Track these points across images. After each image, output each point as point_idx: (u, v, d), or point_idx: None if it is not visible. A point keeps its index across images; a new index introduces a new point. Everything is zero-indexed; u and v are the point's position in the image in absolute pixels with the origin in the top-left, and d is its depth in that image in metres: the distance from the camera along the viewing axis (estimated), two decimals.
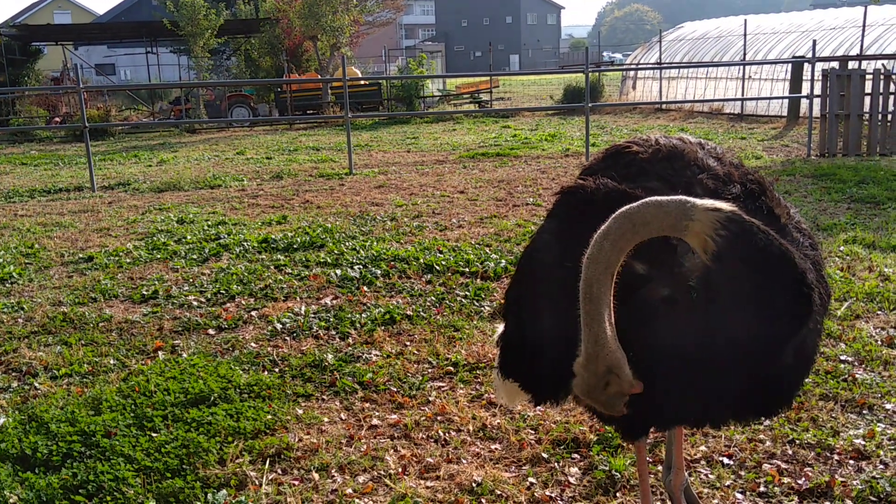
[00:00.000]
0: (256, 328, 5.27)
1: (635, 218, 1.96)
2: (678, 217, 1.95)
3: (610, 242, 1.96)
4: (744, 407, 2.30)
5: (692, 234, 1.96)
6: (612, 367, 2.02)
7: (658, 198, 1.99)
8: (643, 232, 1.97)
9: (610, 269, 1.97)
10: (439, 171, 12.40)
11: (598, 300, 1.97)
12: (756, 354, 2.09)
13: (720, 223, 1.94)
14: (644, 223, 1.96)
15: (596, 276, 1.96)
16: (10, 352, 4.93)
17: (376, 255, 6.79)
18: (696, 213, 1.95)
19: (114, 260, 7.12)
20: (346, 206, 9.53)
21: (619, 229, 1.96)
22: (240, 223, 8.62)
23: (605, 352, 2.00)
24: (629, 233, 1.96)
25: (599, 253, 1.97)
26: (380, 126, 21.50)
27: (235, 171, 13.16)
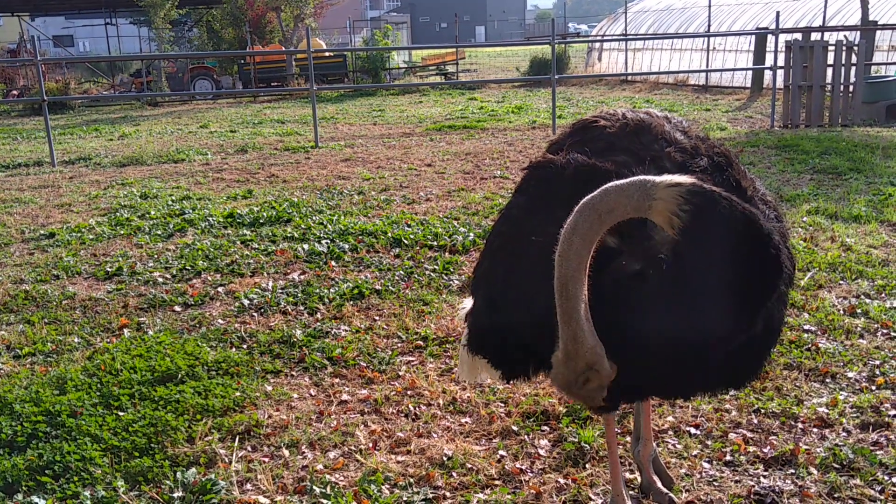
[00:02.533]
0: (223, 304, 5.21)
1: (599, 207, 1.95)
2: (641, 198, 1.94)
3: (579, 237, 1.95)
4: (714, 378, 2.32)
5: (657, 213, 1.96)
6: (591, 364, 2.01)
7: (617, 182, 1.97)
8: (609, 220, 1.96)
9: (583, 264, 1.96)
10: (406, 143, 12.32)
11: (573, 297, 1.96)
12: (728, 325, 2.10)
13: (683, 197, 1.94)
14: (608, 211, 1.95)
15: (570, 274, 1.95)
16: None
17: (344, 230, 6.73)
18: (658, 191, 1.94)
19: (76, 236, 6.99)
20: (313, 179, 9.44)
21: (585, 222, 1.95)
22: (204, 198, 8.50)
23: (584, 349, 1.99)
24: (596, 223, 1.95)
25: (570, 249, 1.95)
26: (345, 98, 21.29)
27: (199, 145, 12.95)
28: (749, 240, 2.00)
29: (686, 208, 1.93)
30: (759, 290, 2.08)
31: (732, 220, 1.99)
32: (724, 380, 2.35)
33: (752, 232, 2.00)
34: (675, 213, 1.93)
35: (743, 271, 2.01)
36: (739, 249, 2.00)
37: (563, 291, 1.96)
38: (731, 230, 1.98)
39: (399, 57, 27.24)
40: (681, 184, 1.95)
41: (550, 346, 2.20)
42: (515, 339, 2.40)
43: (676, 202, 1.93)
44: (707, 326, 2.05)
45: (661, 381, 2.26)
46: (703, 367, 2.20)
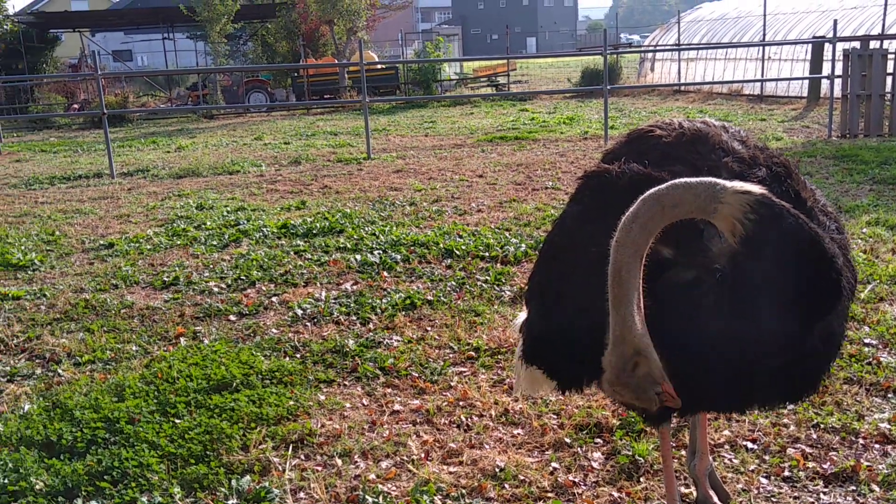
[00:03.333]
0: (277, 314, 5.28)
1: (664, 200, 1.93)
2: (708, 199, 1.92)
3: (639, 225, 1.94)
4: (770, 393, 2.28)
5: (721, 217, 1.93)
6: (639, 350, 2.00)
7: (687, 179, 1.96)
8: (672, 214, 1.94)
9: (639, 253, 1.95)
10: (457, 155, 12.36)
11: (626, 284, 1.95)
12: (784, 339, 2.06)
13: (750, 206, 1.91)
14: (673, 205, 1.94)
15: (625, 260, 1.94)
16: (34, 339, 4.98)
17: (396, 240, 6.78)
18: (726, 195, 1.92)
19: (134, 246, 7.16)
20: (365, 190, 9.52)
21: (647, 212, 1.94)
22: (259, 209, 8.64)
23: (632, 334, 1.98)
24: (658, 215, 1.94)
25: (627, 236, 1.94)
26: (397, 110, 21.45)
27: (254, 157, 13.18)
28: (812, 260, 1.96)
29: (751, 217, 1.90)
30: (816, 309, 2.04)
31: (796, 238, 1.96)
32: (781, 394, 2.30)
33: (816, 253, 1.97)
34: (739, 220, 1.91)
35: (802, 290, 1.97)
36: (801, 268, 1.96)
37: (617, 277, 1.96)
38: (794, 247, 1.95)
39: (450, 69, 27.36)
40: (751, 192, 1.92)
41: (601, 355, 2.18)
42: (570, 348, 2.38)
43: (743, 210, 1.91)
44: (761, 340, 2.01)
45: (715, 394, 2.23)
46: (757, 381, 2.16)
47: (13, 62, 26.38)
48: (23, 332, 5.11)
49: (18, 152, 15.78)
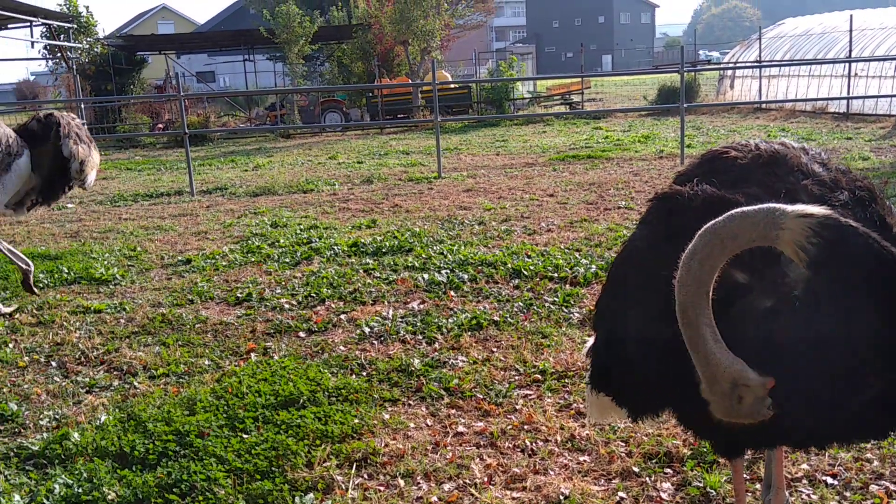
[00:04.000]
0: (345, 331, 5.33)
1: (722, 233, 1.87)
2: (767, 227, 1.85)
3: (698, 262, 1.87)
4: (852, 427, 2.16)
5: (783, 243, 1.86)
6: (736, 380, 1.92)
7: (744, 208, 1.88)
8: (732, 246, 1.87)
9: (703, 289, 1.88)
10: (528, 174, 12.31)
11: (696, 324, 1.88)
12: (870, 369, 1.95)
13: (812, 230, 1.82)
14: (732, 237, 1.87)
15: (690, 300, 1.88)
16: (113, 351, 5.13)
17: (464, 260, 6.77)
18: (786, 220, 1.84)
19: (210, 263, 7.33)
20: (435, 209, 9.56)
21: (706, 247, 1.87)
22: (331, 227, 8.76)
23: (720, 369, 1.91)
24: (717, 249, 1.87)
25: (688, 275, 1.88)
26: (469, 129, 21.53)
27: (327, 176, 13.40)
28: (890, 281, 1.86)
29: (815, 241, 1.81)
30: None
31: (869, 259, 1.86)
32: (864, 430, 2.18)
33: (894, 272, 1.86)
34: (802, 245, 1.82)
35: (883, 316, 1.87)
36: (879, 292, 1.86)
37: (684, 318, 1.89)
38: (869, 269, 1.85)
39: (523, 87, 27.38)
40: (812, 214, 1.83)
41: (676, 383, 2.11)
42: (639, 376, 2.32)
43: (805, 234, 1.82)
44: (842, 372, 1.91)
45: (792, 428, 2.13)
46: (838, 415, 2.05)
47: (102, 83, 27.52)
48: (102, 344, 5.27)
49: (105, 170, 16.40)
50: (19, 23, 18.93)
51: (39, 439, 3.86)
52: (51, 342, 5.36)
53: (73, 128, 6.09)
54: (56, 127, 6.02)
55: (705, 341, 1.89)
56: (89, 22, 27.45)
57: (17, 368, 4.93)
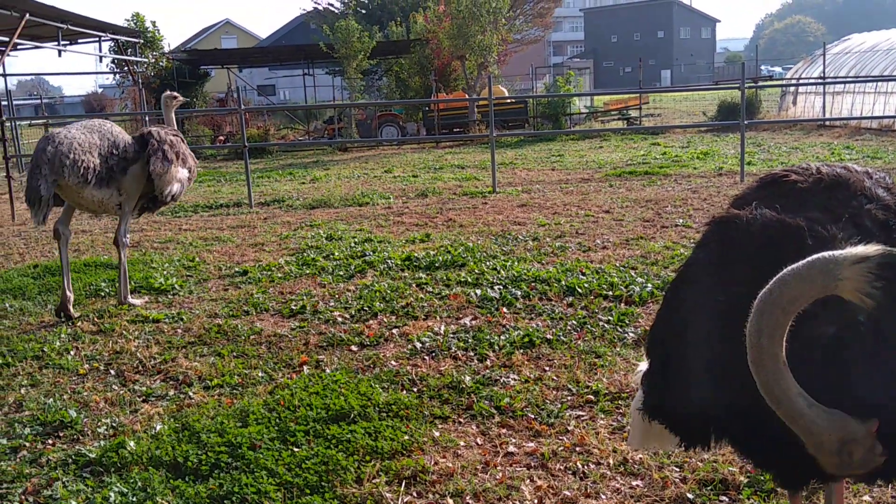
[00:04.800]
0: (397, 346, 5.33)
1: (780, 301, 1.80)
2: (825, 281, 1.77)
3: (767, 338, 1.81)
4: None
5: (846, 293, 1.78)
6: (843, 439, 1.86)
7: (794, 268, 1.81)
8: (793, 309, 1.81)
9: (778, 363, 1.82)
10: (584, 189, 12.22)
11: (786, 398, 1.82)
12: None
13: (872, 274, 1.74)
14: (791, 301, 1.80)
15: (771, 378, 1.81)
16: (169, 361, 5.22)
17: (517, 276, 6.74)
18: (842, 270, 1.76)
19: (266, 274, 7.43)
20: (489, 224, 9.54)
21: (769, 320, 1.81)
22: (385, 240, 8.80)
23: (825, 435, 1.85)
24: (781, 318, 1.81)
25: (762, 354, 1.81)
26: (525, 144, 21.48)
27: (383, 189, 13.49)
28: None
29: (878, 285, 1.73)
30: None
31: None
32: None
33: None
34: (866, 292, 1.75)
35: None
36: None
37: (772, 396, 1.83)
38: None
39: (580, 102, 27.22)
40: (868, 257, 1.75)
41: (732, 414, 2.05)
42: (694, 404, 2.26)
43: (866, 279, 1.74)
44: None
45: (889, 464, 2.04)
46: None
47: None
48: (160, 353, 5.37)
49: None
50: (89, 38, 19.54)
51: (97, 447, 3.94)
52: (110, 350, 5.48)
53: (163, 144, 6.45)
54: (147, 143, 6.42)
55: (801, 413, 1.83)
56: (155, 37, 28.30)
57: (77, 376, 5.05)
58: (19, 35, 14.17)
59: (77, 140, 6.01)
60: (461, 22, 24.90)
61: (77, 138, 6.02)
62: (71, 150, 5.92)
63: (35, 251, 9.36)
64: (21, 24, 13.95)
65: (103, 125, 6.39)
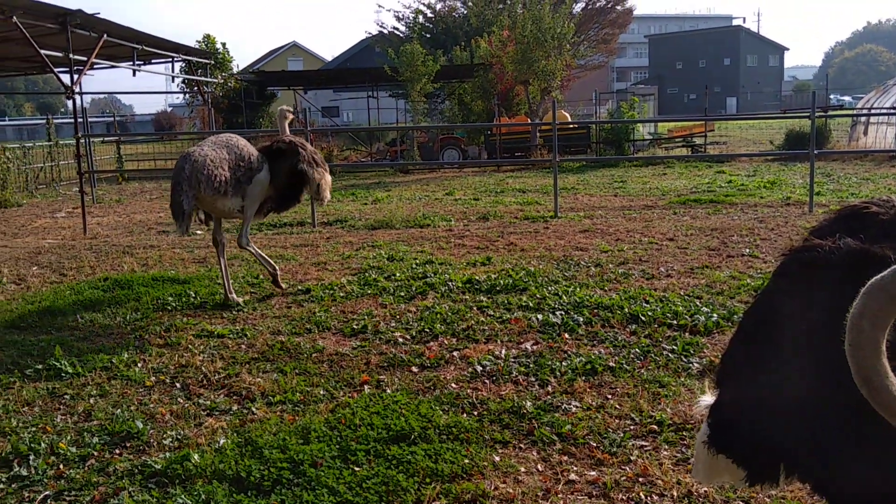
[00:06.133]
0: (457, 369, 5.32)
1: (890, 287, 1.74)
2: None
3: (868, 322, 1.75)
4: None
5: None
6: None
7: None
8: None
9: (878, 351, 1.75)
10: (647, 216, 12.08)
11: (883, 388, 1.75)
12: None
13: None
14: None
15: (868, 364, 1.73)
16: (233, 376, 5.31)
17: (579, 302, 6.68)
18: None
19: (328, 293, 7.51)
20: (550, 249, 9.50)
21: (874, 304, 1.74)
22: (446, 263, 8.83)
23: None
24: (888, 306, 1.74)
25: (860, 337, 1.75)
26: (587, 169, 21.37)
27: (444, 212, 13.55)
28: None
29: None
30: None
31: None
32: None
33: None
34: None
35: None
36: None
37: (867, 382, 1.76)
38: None
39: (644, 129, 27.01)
40: None
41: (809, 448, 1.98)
42: (766, 437, 2.20)
43: None
44: None
45: None
46: None
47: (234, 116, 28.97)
48: (224, 368, 5.46)
49: None
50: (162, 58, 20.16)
51: (162, 458, 4.01)
52: (176, 364, 5.59)
53: (310, 153, 7.56)
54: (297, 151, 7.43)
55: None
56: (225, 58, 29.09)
57: (144, 388, 5.16)
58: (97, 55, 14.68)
59: (210, 157, 6.86)
60: (525, 47, 25.01)
61: (209, 155, 6.88)
62: (205, 167, 6.77)
63: (105, 264, 9.64)
64: (99, 44, 14.46)
65: (230, 140, 7.29)
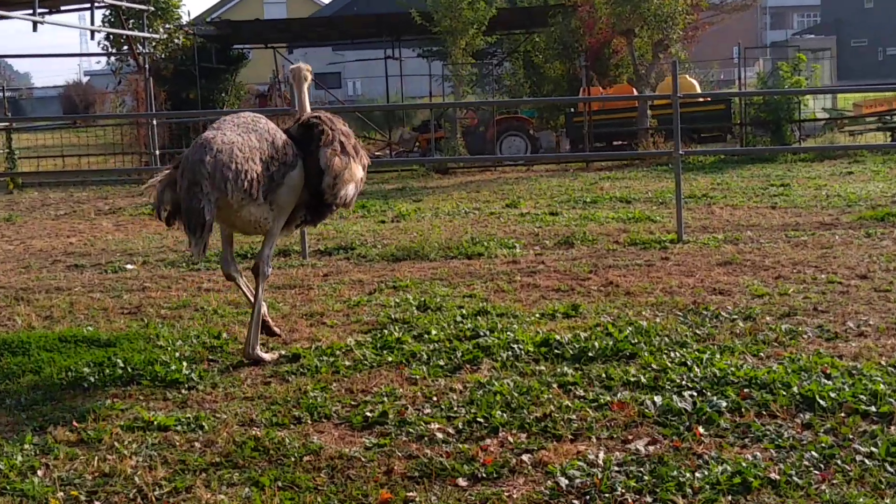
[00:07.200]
0: (528, 482, 5.30)
1: None
2: None
3: None
4: None
5: None
6: None
7: None
8: None
9: None
10: (824, 240, 12.00)
11: None
12: None
13: None
14: None
15: None
16: (183, 491, 5.32)
17: (720, 376, 6.62)
18: None
19: (327, 361, 7.51)
20: (672, 292, 9.45)
21: None
22: (508, 313, 8.81)
23: None
24: None
25: None
26: (726, 166, 21.27)
27: (504, 233, 13.57)
28: None
29: None
30: None
31: None
32: None
33: None
34: None
35: None
36: None
37: None
38: None
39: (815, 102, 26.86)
40: None
41: None
42: None
43: None
44: None
45: None
46: None
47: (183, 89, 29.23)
48: (168, 479, 5.48)
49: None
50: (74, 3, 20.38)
51: None
52: (95, 472, 5.62)
53: (337, 133, 7.60)
54: (319, 133, 7.49)
55: None
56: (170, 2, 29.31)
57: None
58: None
59: (237, 145, 6.98)
60: None
61: (236, 143, 7.00)
62: (232, 159, 6.87)
63: None
64: None
65: (258, 121, 7.40)
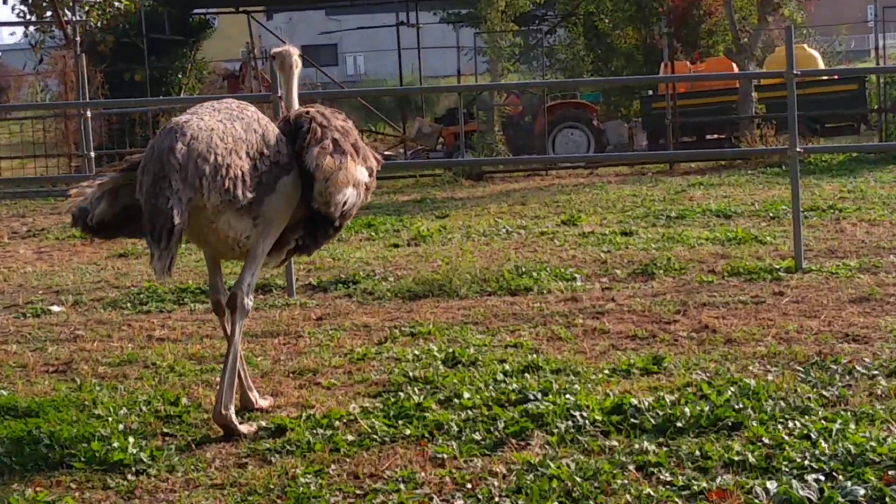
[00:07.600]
0: None
1: None
2: None
3: None
4: None
5: None
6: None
7: None
8: None
9: None
10: None
11: None
12: None
13: None
14: None
15: None
16: None
17: (855, 454, 6.58)
18: None
19: (323, 435, 7.50)
20: (788, 339, 9.43)
21: None
22: (567, 369, 8.79)
23: None
24: None
25: None
26: (861, 167, 21.22)
27: (558, 260, 13.58)
28: None
29: None
30: None
31: None
32: None
33: None
34: None
35: None
36: None
37: None
38: None
39: None
40: None
41: None
42: None
43: None
44: None
45: None
46: None
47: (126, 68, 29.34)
48: None
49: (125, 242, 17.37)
50: None
51: None
52: None
53: (329, 132, 7.61)
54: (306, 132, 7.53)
55: None
56: None
57: None
58: None
59: (217, 132, 6.99)
60: None
61: (216, 129, 7.01)
62: (211, 150, 6.85)
63: None
64: None
65: (245, 109, 7.42)
